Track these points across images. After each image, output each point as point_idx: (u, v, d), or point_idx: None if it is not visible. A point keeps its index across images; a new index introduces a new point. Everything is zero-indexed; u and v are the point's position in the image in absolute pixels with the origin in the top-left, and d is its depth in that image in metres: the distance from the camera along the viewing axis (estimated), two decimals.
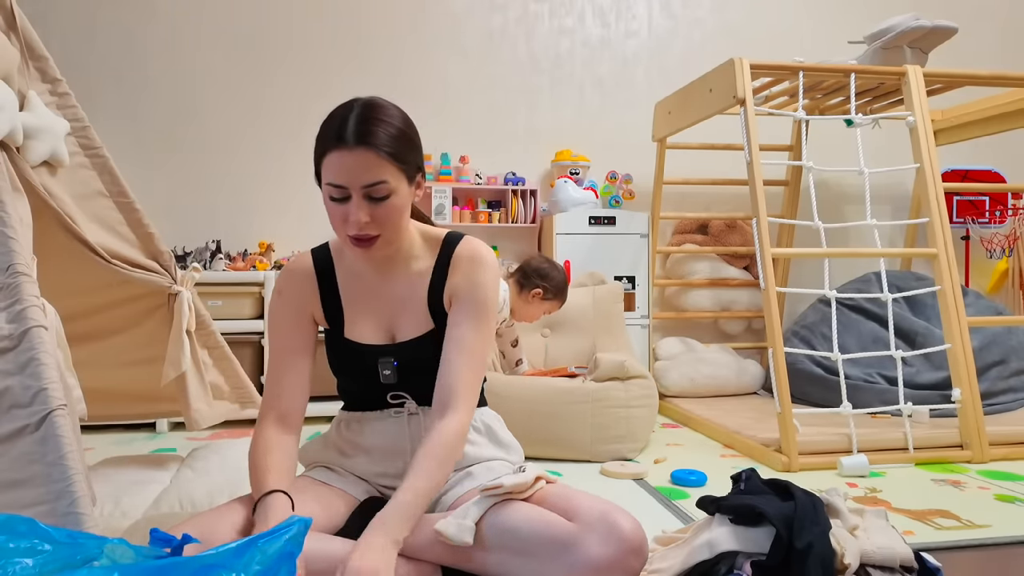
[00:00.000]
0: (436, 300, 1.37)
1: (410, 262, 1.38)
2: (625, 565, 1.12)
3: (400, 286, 1.38)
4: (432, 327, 1.37)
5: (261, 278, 3.16)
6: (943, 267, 2.69)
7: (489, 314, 1.35)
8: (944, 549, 1.66)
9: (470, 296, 1.34)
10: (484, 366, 1.35)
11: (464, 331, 1.32)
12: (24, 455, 1.07)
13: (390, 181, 1.22)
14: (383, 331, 1.39)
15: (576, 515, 1.17)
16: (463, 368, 1.30)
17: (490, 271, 1.36)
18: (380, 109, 1.24)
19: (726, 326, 4.07)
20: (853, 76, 2.88)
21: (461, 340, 1.31)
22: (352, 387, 1.44)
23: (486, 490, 1.23)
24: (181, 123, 3.65)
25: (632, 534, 1.13)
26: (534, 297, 2.63)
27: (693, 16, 4.16)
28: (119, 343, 1.97)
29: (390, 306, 1.38)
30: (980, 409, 2.58)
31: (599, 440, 2.49)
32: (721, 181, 3.86)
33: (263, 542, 0.80)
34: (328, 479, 1.38)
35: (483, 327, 1.34)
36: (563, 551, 1.13)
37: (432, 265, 1.38)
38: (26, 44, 1.41)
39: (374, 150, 1.19)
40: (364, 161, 1.20)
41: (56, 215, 1.43)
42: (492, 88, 3.95)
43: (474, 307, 1.33)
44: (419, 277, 1.38)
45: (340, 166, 1.20)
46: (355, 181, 1.21)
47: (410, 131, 1.27)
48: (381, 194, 1.22)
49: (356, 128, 1.20)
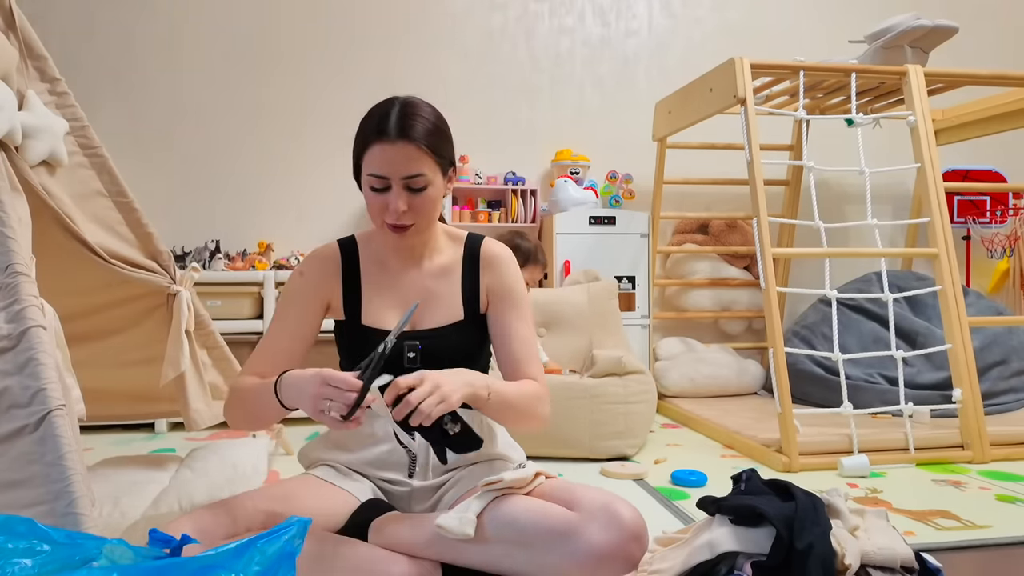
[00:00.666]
0: (471, 297, 1.44)
1: (433, 255, 1.46)
2: (626, 552, 1.14)
3: (424, 277, 1.44)
4: (460, 318, 1.42)
5: (260, 278, 3.16)
6: (944, 267, 2.69)
7: (528, 306, 1.47)
8: (945, 550, 1.65)
9: (508, 294, 1.44)
10: (537, 355, 1.44)
11: (516, 325, 1.43)
12: (23, 455, 1.07)
13: (428, 173, 1.30)
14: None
15: (577, 505, 1.19)
16: (525, 354, 1.40)
17: (515, 267, 1.48)
18: (418, 106, 1.33)
19: (726, 326, 4.07)
20: (854, 76, 2.88)
21: (516, 333, 1.42)
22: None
23: (486, 484, 1.24)
24: (180, 123, 3.65)
25: (632, 521, 1.15)
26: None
27: (693, 15, 4.16)
28: (118, 343, 1.97)
29: (413, 295, 1.42)
30: (981, 409, 2.58)
31: (598, 437, 2.49)
32: (721, 181, 3.86)
33: (262, 542, 0.80)
34: (331, 478, 1.38)
35: (526, 317, 1.46)
36: (564, 540, 1.15)
37: (458, 261, 1.46)
38: (25, 43, 1.41)
39: (414, 143, 1.28)
40: (405, 153, 1.28)
41: (55, 215, 1.43)
42: (492, 87, 3.95)
43: (516, 303, 1.44)
44: (444, 271, 1.45)
45: (382, 158, 1.28)
46: (396, 172, 1.29)
47: (445, 127, 1.37)
48: (419, 185, 1.30)
49: (398, 123, 1.28)
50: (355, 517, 1.32)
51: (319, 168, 3.70)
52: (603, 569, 1.14)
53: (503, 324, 1.43)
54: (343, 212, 3.75)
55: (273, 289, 3.16)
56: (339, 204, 3.73)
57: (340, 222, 3.75)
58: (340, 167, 3.75)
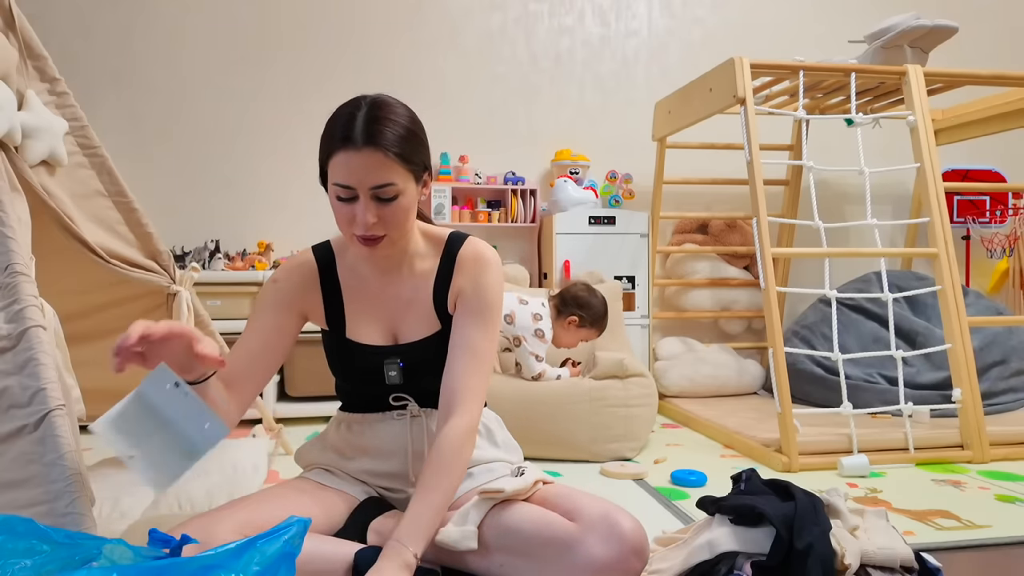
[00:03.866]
0: (441, 301, 1.35)
1: (413, 262, 1.36)
2: (627, 566, 1.12)
3: (403, 287, 1.36)
4: (439, 328, 1.35)
5: (260, 278, 3.16)
6: (943, 267, 2.69)
7: (495, 316, 1.33)
8: (944, 549, 1.65)
9: (476, 298, 1.32)
10: (491, 369, 1.33)
11: (470, 333, 1.30)
12: (23, 455, 1.07)
13: (398, 182, 1.19)
14: (386, 332, 1.37)
15: (577, 515, 1.17)
16: (469, 371, 1.28)
17: (494, 272, 1.35)
18: (387, 108, 1.21)
19: (726, 326, 4.06)
20: (853, 75, 2.88)
21: (467, 343, 1.30)
22: (353, 389, 1.43)
23: (484, 492, 1.23)
24: (180, 122, 3.65)
25: (633, 534, 1.12)
26: (570, 324, 2.66)
27: (693, 15, 4.16)
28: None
29: (393, 307, 1.37)
30: (980, 409, 2.58)
31: (598, 440, 2.48)
32: (721, 181, 3.86)
33: (262, 543, 0.80)
34: (326, 480, 1.38)
35: (489, 329, 1.32)
36: (564, 551, 1.13)
37: (436, 266, 1.36)
38: (24, 43, 1.41)
39: (382, 151, 1.17)
40: (372, 162, 1.17)
41: (55, 215, 1.43)
42: (492, 87, 3.95)
43: (479, 309, 1.32)
44: (423, 278, 1.36)
45: (347, 167, 1.18)
46: (363, 182, 1.18)
47: (418, 130, 1.25)
48: (389, 195, 1.20)
49: (364, 128, 1.17)
50: (354, 516, 1.31)
51: (319, 168, 3.69)
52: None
53: (459, 327, 1.31)
54: None
55: None
56: None
57: None
58: None
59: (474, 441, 1.29)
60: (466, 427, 1.25)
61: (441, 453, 1.21)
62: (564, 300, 2.67)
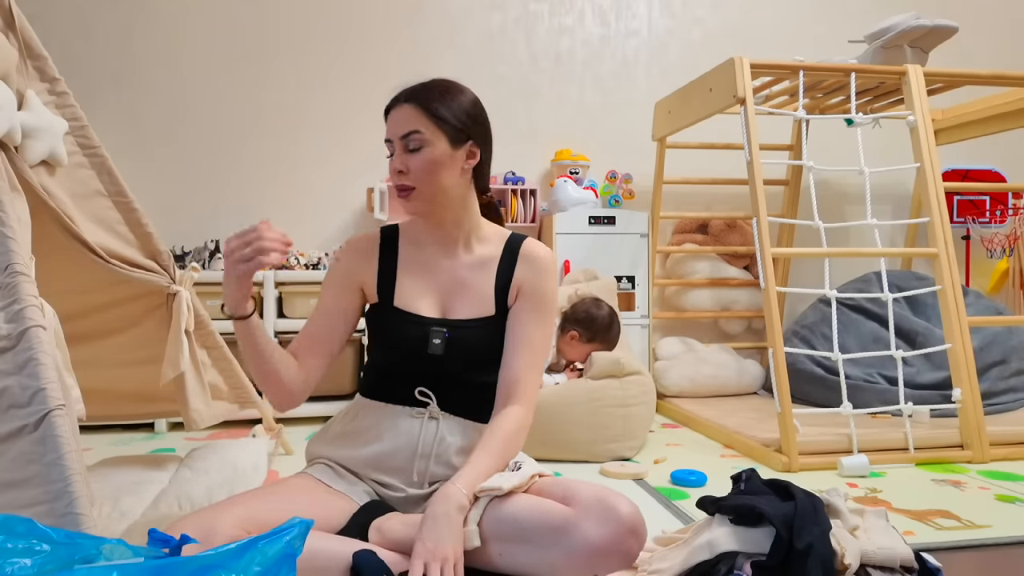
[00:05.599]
0: (503, 289, 1.42)
1: (473, 245, 1.44)
2: (624, 547, 1.13)
3: (461, 267, 1.43)
4: (491, 313, 1.40)
5: (260, 278, 3.16)
6: (943, 267, 2.69)
7: (552, 314, 1.43)
8: (944, 549, 1.65)
9: (537, 295, 1.41)
10: (544, 364, 1.43)
11: (530, 328, 1.38)
12: (22, 455, 1.07)
13: (424, 132, 1.31)
14: (437, 305, 1.41)
15: (573, 500, 1.19)
16: (527, 365, 1.36)
17: (554, 273, 1.45)
18: (441, 82, 1.38)
19: (726, 326, 4.07)
20: (853, 75, 2.88)
21: (527, 338, 1.38)
22: (390, 365, 1.42)
23: (483, 491, 1.24)
24: (180, 122, 3.65)
25: (629, 515, 1.14)
26: (572, 339, 2.72)
27: (693, 15, 4.16)
28: (118, 343, 1.97)
29: (448, 282, 1.42)
30: (980, 409, 2.58)
31: (597, 440, 2.48)
32: (721, 181, 3.86)
33: (263, 543, 0.80)
34: (329, 480, 1.37)
35: (547, 326, 1.41)
36: (562, 535, 1.15)
37: (498, 255, 1.44)
38: (24, 43, 1.41)
39: (413, 104, 1.32)
40: (404, 114, 1.33)
41: (54, 215, 1.43)
42: (491, 87, 3.95)
43: (540, 306, 1.40)
44: (482, 263, 1.43)
45: (389, 122, 1.35)
46: (395, 133, 1.34)
47: (466, 102, 1.37)
48: (415, 144, 1.31)
49: (409, 90, 1.35)
50: (356, 518, 1.31)
51: (319, 168, 3.70)
52: (600, 564, 1.14)
53: (520, 323, 1.39)
54: (343, 212, 3.74)
55: (273, 289, 3.15)
56: (339, 204, 3.73)
57: (340, 222, 3.74)
58: (340, 167, 3.75)
59: (527, 433, 1.36)
60: (523, 416, 1.34)
61: (501, 428, 1.31)
62: (565, 316, 2.75)
